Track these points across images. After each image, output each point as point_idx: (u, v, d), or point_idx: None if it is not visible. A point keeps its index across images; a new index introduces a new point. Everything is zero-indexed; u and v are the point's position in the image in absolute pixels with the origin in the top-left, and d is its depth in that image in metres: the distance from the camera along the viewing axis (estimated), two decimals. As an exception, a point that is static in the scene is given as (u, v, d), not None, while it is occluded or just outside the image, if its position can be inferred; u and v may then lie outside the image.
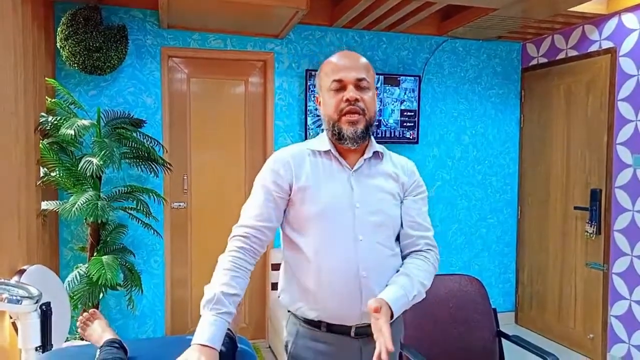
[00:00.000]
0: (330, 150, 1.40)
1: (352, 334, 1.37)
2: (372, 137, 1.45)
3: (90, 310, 1.84)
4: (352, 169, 1.40)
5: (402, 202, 1.44)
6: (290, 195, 1.37)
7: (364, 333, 1.36)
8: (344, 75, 1.35)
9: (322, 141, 1.42)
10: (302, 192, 1.36)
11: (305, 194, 1.35)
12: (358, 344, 1.38)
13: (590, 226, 3.49)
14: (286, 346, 1.46)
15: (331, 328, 1.37)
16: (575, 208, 3.66)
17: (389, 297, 1.27)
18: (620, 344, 3.33)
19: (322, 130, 1.46)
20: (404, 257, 1.44)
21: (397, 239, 1.44)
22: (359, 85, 1.35)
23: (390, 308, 1.25)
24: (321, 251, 1.34)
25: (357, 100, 1.34)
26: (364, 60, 1.41)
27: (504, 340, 2.26)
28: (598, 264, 3.48)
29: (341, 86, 1.35)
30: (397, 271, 1.43)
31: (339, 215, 1.35)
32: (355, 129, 1.34)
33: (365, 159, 1.42)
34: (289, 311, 1.48)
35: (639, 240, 3.20)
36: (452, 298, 2.26)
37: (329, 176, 1.38)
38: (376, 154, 1.44)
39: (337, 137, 1.37)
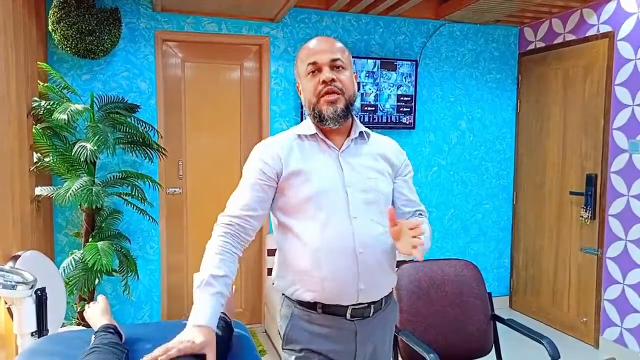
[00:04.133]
0: (316, 133, 1.41)
1: (348, 315, 1.38)
2: (357, 119, 1.48)
3: (98, 297, 1.84)
4: (339, 149, 1.42)
5: (393, 181, 1.49)
6: (278, 182, 1.38)
7: (359, 315, 1.39)
8: (318, 57, 1.37)
9: (308, 125, 1.44)
10: (293, 177, 1.37)
11: (296, 178, 1.37)
12: (353, 326, 1.39)
13: (585, 211, 3.51)
14: (281, 329, 1.46)
15: (327, 309, 1.38)
16: (571, 193, 3.67)
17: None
18: (613, 327, 3.36)
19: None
20: None
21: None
22: (334, 65, 1.37)
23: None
24: (317, 231, 1.35)
25: (333, 80, 1.36)
26: (338, 43, 1.42)
27: (498, 324, 2.28)
28: (592, 248, 3.50)
29: (316, 68, 1.37)
30: (388, 249, 1.43)
31: (332, 195, 1.36)
32: (335, 108, 1.36)
33: (352, 139, 1.44)
34: (283, 294, 1.48)
35: (633, 225, 3.22)
36: (448, 282, 2.27)
37: (318, 158, 1.40)
38: (361, 134, 1.47)
39: (319, 119, 1.39)
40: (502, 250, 4.32)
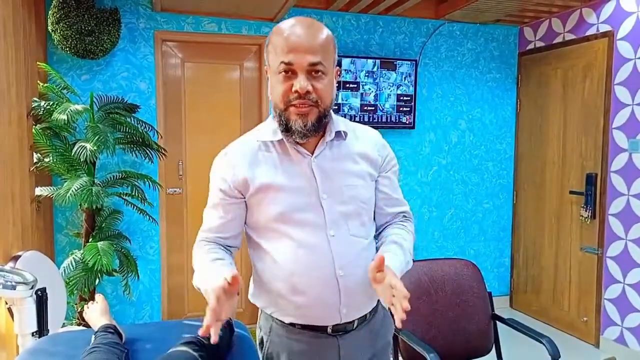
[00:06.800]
0: (283, 139, 1.22)
1: (329, 331, 1.26)
2: (334, 115, 1.26)
3: (97, 297, 1.85)
4: (312, 155, 1.23)
5: (376, 180, 1.31)
6: (245, 197, 1.24)
7: (342, 330, 1.27)
8: (295, 58, 1.12)
9: (273, 129, 1.23)
10: (261, 192, 1.21)
11: (265, 194, 1.21)
12: (335, 342, 1.27)
13: (586, 210, 3.50)
14: (261, 343, 1.35)
15: (306, 326, 1.27)
16: (571, 192, 3.67)
17: (393, 265, 1.16)
18: (613, 326, 3.36)
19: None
20: (381, 231, 1.35)
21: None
22: (312, 70, 1.13)
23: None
24: (291, 254, 1.20)
25: (308, 92, 1.13)
26: (322, 36, 1.16)
27: (499, 324, 2.28)
28: (593, 248, 3.50)
29: (291, 70, 1.13)
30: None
31: (304, 211, 1.21)
32: (305, 121, 1.15)
33: (326, 142, 1.24)
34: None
35: (634, 224, 3.22)
36: (448, 282, 2.27)
37: (287, 169, 1.22)
38: (339, 133, 1.26)
39: (285, 129, 1.18)
40: (502, 250, 4.32)
